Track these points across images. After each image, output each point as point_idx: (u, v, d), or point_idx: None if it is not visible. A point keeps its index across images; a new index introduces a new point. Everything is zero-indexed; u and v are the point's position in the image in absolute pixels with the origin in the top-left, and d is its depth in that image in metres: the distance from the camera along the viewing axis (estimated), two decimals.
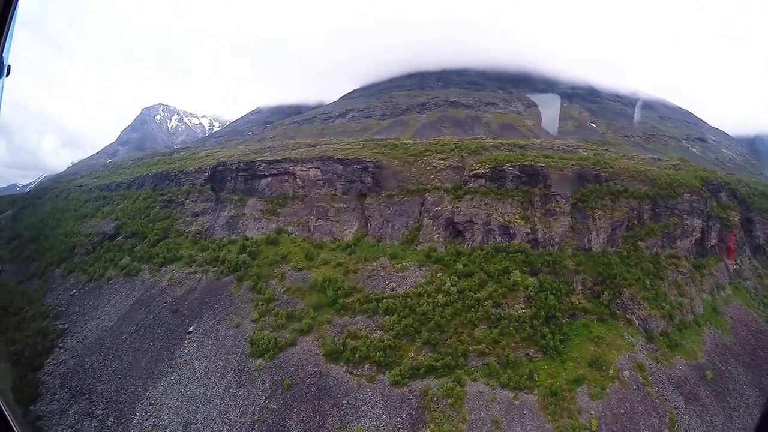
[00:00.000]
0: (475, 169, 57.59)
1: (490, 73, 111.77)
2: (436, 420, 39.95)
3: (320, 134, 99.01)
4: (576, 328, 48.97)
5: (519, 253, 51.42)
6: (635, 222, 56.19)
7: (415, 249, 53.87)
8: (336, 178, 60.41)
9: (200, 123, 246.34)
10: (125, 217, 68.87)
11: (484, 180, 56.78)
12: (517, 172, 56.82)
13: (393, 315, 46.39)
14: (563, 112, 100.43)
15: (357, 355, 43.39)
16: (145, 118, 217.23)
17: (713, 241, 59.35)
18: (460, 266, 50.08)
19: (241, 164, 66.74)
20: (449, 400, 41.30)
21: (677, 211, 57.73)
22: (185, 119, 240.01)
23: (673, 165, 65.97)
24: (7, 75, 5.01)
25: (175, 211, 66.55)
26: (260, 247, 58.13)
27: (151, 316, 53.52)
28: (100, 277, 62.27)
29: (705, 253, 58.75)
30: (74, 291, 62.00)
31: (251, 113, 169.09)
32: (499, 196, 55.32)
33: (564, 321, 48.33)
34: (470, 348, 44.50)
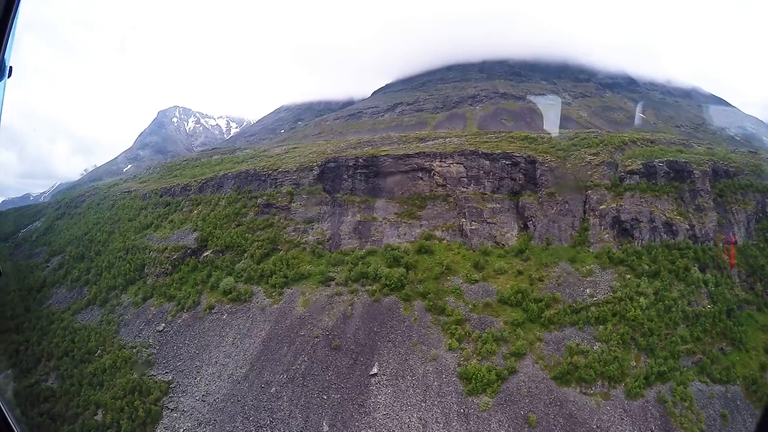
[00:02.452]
0: (628, 165, 55.85)
1: (532, 64, 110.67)
2: (684, 426, 39.44)
3: (372, 129, 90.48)
4: (744, 319, 50.78)
5: (688, 250, 51.29)
6: (761, 215, 59.35)
7: (588, 250, 50.81)
8: (483, 175, 54.42)
9: (217, 124, 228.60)
10: (208, 226, 55.11)
11: (638, 176, 55.44)
12: (666, 168, 56.38)
13: (606, 324, 43.26)
14: (608, 103, 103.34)
15: (592, 373, 39.67)
16: (161, 120, 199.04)
17: None
18: (645, 266, 48.43)
19: (360, 160, 56.87)
20: (685, 404, 40.47)
21: None
22: (202, 120, 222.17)
23: (765, 158, 71.15)
24: (9, 76, 4.79)
25: (277, 217, 54.85)
26: (411, 257, 50.21)
27: (305, 358, 43.23)
28: (195, 304, 49.33)
29: None
30: (162, 325, 48.16)
31: (278, 111, 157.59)
32: (655, 193, 54.52)
33: (738, 313, 49.76)
34: (680, 348, 43.87)
